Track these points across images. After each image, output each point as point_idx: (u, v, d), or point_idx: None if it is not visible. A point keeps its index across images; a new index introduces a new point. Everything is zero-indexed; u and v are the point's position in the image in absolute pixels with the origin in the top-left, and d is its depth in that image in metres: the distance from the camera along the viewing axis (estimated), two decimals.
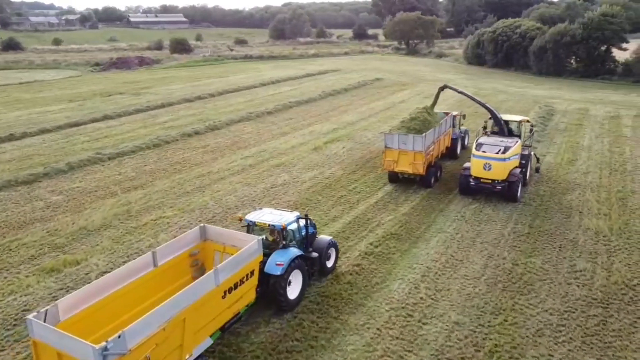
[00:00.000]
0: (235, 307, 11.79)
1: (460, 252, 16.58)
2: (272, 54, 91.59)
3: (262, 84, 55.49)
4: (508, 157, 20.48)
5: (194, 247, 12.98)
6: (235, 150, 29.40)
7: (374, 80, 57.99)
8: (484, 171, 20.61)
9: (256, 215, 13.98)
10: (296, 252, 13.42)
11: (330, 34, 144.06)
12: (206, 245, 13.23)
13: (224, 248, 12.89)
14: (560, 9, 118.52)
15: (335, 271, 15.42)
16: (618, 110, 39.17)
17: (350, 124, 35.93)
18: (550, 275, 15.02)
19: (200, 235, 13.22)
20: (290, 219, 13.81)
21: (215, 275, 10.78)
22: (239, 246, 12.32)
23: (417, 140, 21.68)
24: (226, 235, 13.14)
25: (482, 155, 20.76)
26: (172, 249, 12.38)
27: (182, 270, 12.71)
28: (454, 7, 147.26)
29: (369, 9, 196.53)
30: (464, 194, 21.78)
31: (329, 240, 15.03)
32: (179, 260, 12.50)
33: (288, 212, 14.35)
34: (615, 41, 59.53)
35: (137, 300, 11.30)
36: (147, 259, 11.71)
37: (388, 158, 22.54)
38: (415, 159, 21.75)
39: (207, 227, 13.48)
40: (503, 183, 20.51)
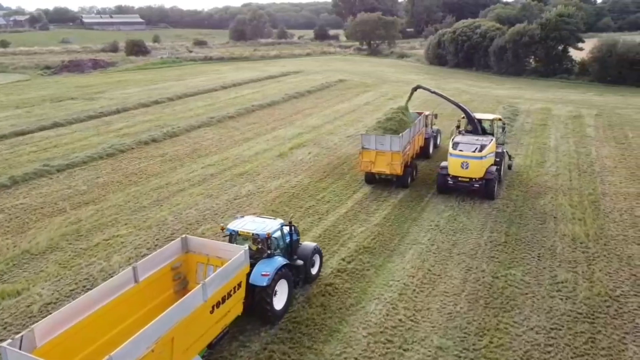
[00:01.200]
0: (223, 322, 11.37)
1: (438, 266, 15.72)
2: (233, 56, 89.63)
3: (223, 86, 53.75)
4: (484, 156, 20.71)
5: (175, 260, 12.41)
6: (196, 159, 27.83)
7: (337, 82, 57.14)
8: (461, 170, 20.81)
9: (238, 224, 13.43)
10: (282, 261, 12.97)
11: (291, 34, 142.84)
12: (188, 258, 12.69)
13: (208, 259, 12.43)
14: (516, 10, 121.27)
15: (307, 292, 14.28)
16: (579, 110, 39.57)
17: (315, 128, 34.86)
18: (532, 288, 14.33)
19: (181, 247, 12.64)
20: (275, 227, 13.34)
21: (203, 289, 10.34)
22: (223, 257, 11.95)
23: (395, 140, 21.59)
24: (209, 246, 12.64)
25: (459, 154, 20.91)
26: (153, 263, 11.78)
27: (164, 285, 12.16)
28: (413, 8, 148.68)
29: (329, 9, 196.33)
30: (442, 192, 21.82)
31: (313, 247, 14.63)
32: (160, 274, 11.92)
33: (271, 220, 13.87)
34: (572, 41, 60.75)
35: (119, 319, 10.73)
36: (127, 275, 11.08)
37: (365, 159, 22.34)
38: (393, 159, 21.68)
39: (189, 238, 12.83)
40: (480, 181, 20.74)
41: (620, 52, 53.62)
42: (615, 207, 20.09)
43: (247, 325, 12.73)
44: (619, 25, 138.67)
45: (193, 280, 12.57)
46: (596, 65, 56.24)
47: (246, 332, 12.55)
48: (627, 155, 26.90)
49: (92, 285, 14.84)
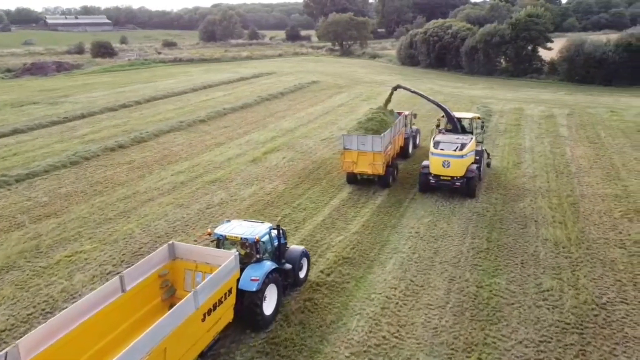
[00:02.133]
0: (214, 330, 11.22)
1: (420, 276, 15.14)
2: (203, 57, 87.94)
3: (194, 89, 52.41)
4: (465, 154, 21.04)
5: (162, 267, 12.17)
6: (165, 166, 26.70)
7: (310, 83, 56.42)
8: (443, 168, 21.07)
9: (226, 229, 13.18)
10: (271, 265, 12.76)
11: (262, 35, 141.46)
12: (175, 265, 12.46)
13: (196, 266, 12.25)
14: (485, 10, 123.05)
15: (285, 309, 13.50)
16: (551, 110, 39.81)
17: (289, 131, 34.05)
18: (518, 298, 13.88)
19: (168, 254, 12.41)
20: (263, 231, 13.10)
21: (195, 297, 10.16)
22: (212, 263, 11.84)
23: (376, 140, 21.59)
24: (197, 252, 12.45)
25: (441, 153, 21.16)
26: (140, 271, 11.55)
27: (152, 293, 11.91)
28: (384, 8, 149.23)
29: (300, 9, 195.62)
30: (424, 191, 21.99)
31: (301, 250, 14.50)
32: (148, 282, 11.70)
33: (259, 223, 13.67)
34: (541, 41, 61.45)
35: (106, 330, 10.56)
36: (114, 284, 10.83)
37: (347, 159, 22.36)
38: (375, 159, 21.74)
39: (176, 244, 12.61)
40: (462, 179, 20.99)
41: (588, 51, 54.41)
42: (594, 209, 19.92)
43: (220, 349, 11.88)
44: (583, 26, 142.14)
45: (181, 287, 12.34)
46: (565, 65, 56.96)
47: (220, 357, 11.69)
48: (602, 155, 26.95)
49: (51, 308, 13.78)
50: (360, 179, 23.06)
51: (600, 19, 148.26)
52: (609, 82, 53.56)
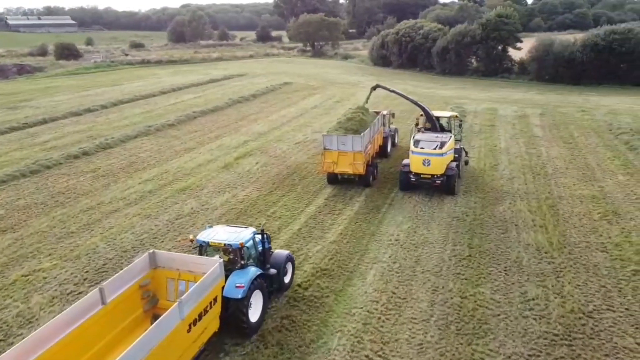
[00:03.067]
0: (200, 340, 10.93)
1: (402, 287, 14.52)
2: (172, 59, 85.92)
3: (162, 91, 50.89)
4: (445, 152, 21.30)
5: (144, 277, 11.81)
6: (132, 173, 25.48)
7: (282, 85, 55.54)
8: (423, 167, 21.26)
9: (208, 235, 12.80)
10: (256, 271, 12.48)
11: (233, 36, 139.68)
12: (157, 274, 12.10)
13: (179, 274, 11.92)
14: (454, 11, 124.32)
15: (261, 329, 12.67)
16: (524, 110, 39.96)
17: (261, 135, 33.14)
18: (504, 308, 13.39)
19: (149, 263, 12.05)
20: (247, 236, 12.75)
21: (180, 308, 9.84)
22: (195, 271, 11.59)
23: (356, 140, 21.62)
24: (180, 260, 12.11)
25: (421, 151, 21.38)
26: (121, 282, 11.18)
27: (133, 305, 11.56)
28: (354, 9, 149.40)
29: (271, 10, 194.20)
30: (405, 190, 22.15)
31: (286, 255, 14.25)
32: (129, 293, 11.34)
33: (243, 228, 13.30)
34: (511, 41, 62.04)
35: (87, 344, 10.19)
36: (94, 297, 10.47)
37: (327, 160, 22.29)
38: (355, 159, 21.75)
39: (157, 253, 12.25)
40: (442, 177, 21.22)
41: (557, 51, 55.13)
42: (573, 211, 19.70)
43: None
44: (549, 26, 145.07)
45: (163, 297, 12.00)
46: (535, 65, 57.60)
47: None
48: (576, 155, 26.94)
49: (5, 335, 12.64)
50: (341, 179, 23.01)
51: (564, 19, 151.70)
52: (577, 81, 54.38)
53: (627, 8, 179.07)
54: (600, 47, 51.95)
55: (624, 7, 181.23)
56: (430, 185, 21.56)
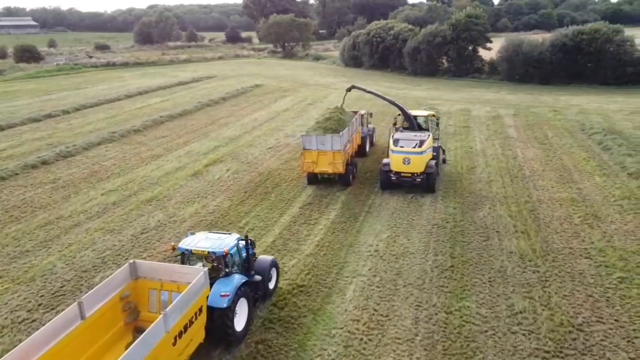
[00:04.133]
0: (186, 353, 10.55)
1: (384, 304, 13.73)
2: (139, 61, 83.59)
3: (128, 95, 49.09)
4: (424, 151, 21.51)
5: (124, 288, 11.34)
6: (95, 184, 24.05)
7: (253, 87, 54.37)
8: (403, 165, 21.40)
9: (191, 242, 12.42)
10: (240, 279, 12.17)
11: (201, 37, 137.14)
12: (138, 285, 11.64)
13: (161, 285, 11.49)
14: (423, 11, 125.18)
15: (234, 355, 11.68)
16: (497, 110, 39.87)
17: (232, 140, 31.99)
18: (491, 323, 12.73)
19: (130, 274, 11.57)
20: (231, 243, 12.42)
21: (165, 320, 9.52)
22: (179, 281, 11.22)
23: (335, 139, 21.74)
24: (162, 270, 11.69)
25: (401, 150, 21.52)
26: (100, 295, 10.71)
27: (114, 318, 11.08)
28: (324, 9, 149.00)
29: (240, 10, 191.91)
30: (386, 189, 22.23)
31: (270, 260, 13.90)
32: (109, 306, 10.87)
33: (226, 235, 12.97)
34: (481, 41, 62.31)
35: None
36: (72, 312, 10.00)
37: (307, 160, 22.34)
38: (335, 158, 21.87)
39: (138, 263, 11.75)
40: (422, 175, 21.43)
41: (526, 51, 55.49)
42: (553, 215, 19.30)
43: None
44: (515, 26, 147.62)
45: (145, 309, 11.58)
46: (505, 65, 57.89)
47: None
48: (552, 157, 26.74)
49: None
50: (321, 178, 23.05)
51: (530, 20, 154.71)
52: (546, 81, 54.86)
53: (589, 9, 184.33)
54: (569, 47, 52.52)
55: (586, 7, 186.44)
56: (411, 184, 21.62)
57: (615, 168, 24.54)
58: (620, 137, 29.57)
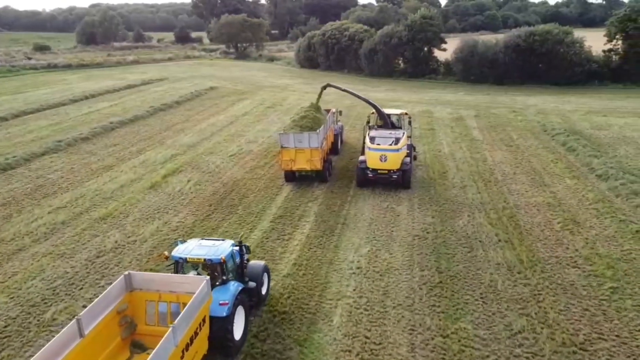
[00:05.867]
0: None
1: (375, 329, 12.64)
2: (83, 62, 79.21)
3: (73, 100, 45.87)
4: (400, 148, 21.94)
5: (120, 302, 10.90)
6: (40, 200, 21.79)
7: (208, 90, 52.26)
8: (380, 162, 21.75)
9: (184, 250, 11.99)
10: (237, 286, 11.92)
11: (149, 37, 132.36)
12: (134, 297, 11.21)
13: (160, 296, 11.11)
14: (374, 12, 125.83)
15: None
16: (458, 111, 39.80)
17: (191, 147, 30.14)
18: (491, 347, 11.89)
19: (125, 286, 11.12)
20: (227, 250, 12.08)
21: (174, 333, 9.20)
22: (178, 291, 10.93)
23: (313, 137, 22.11)
24: (159, 280, 11.29)
25: (378, 147, 21.92)
26: (98, 310, 10.25)
27: (111, 333, 10.57)
28: (276, 10, 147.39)
29: (188, 10, 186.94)
30: (362, 186, 22.57)
31: (263, 266, 13.62)
32: (106, 322, 10.41)
33: (220, 241, 12.61)
34: (436, 42, 62.70)
35: None
36: (71, 330, 9.49)
37: (285, 158, 22.68)
38: (312, 155, 22.27)
39: (133, 274, 11.33)
40: (398, 172, 21.83)
41: (481, 52, 56.22)
42: (533, 221, 18.86)
43: None
44: (462, 27, 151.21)
45: (142, 322, 11.15)
46: (460, 65, 58.43)
47: None
48: (520, 159, 26.57)
49: None
50: (299, 175, 23.46)
51: (476, 21, 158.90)
52: (501, 81, 55.74)
53: (530, 10, 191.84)
54: (522, 47, 53.49)
55: (527, 9, 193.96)
56: (387, 181, 22.12)
57: (583, 170, 24.58)
58: (582, 138, 29.90)
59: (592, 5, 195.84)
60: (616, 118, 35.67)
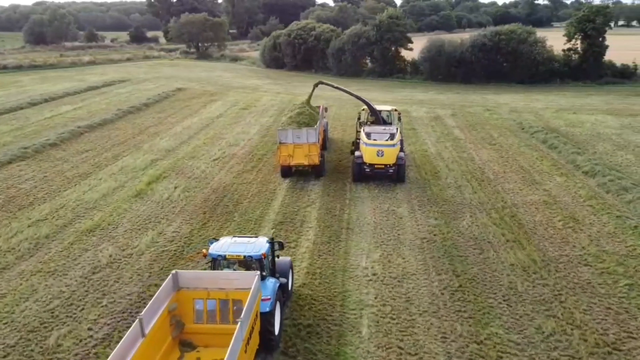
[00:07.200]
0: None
1: (407, 339, 12.23)
2: (35, 63, 75.22)
3: (32, 103, 43.27)
4: (395, 143, 22.46)
5: (170, 301, 10.85)
6: (16, 213, 20.22)
7: (175, 91, 50.59)
8: (377, 157, 22.25)
9: (221, 248, 12.09)
10: (275, 282, 12.18)
11: (102, 37, 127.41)
12: (180, 296, 11.14)
13: (208, 294, 11.08)
14: (334, 11, 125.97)
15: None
16: (435, 110, 40.08)
17: (170, 152, 28.88)
18: (528, 351, 11.71)
19: (173, 285, 11.06)
20: (265, 246, 12.19)
21: (241, 328, 9.35)
22: (227, 287, 11.01)
23: (311, 132, 22.77)
24: (207, 278, 11.29)
25: (374, 143, 22.33)
26: (152, 310, 10.18)
27: (164, 333, 10.54)
28: (234, 9, 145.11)
29: (140, 9, 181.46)
30: (359, 181, 22.98)
31: (289, 262, 13.93)
32: (160, 322, 10.35)
33: (254, 238, 12.81)
34: (403, 42, 63.17)
35: None
36: (135, 330, 9.40)
37: (283, 153, 23.03)
38: (310, 150, 22.81)
39: (180, 273, 11.29)
40: (393, 167, 22.37)
41: (448, 51, 57.04)
42: (534, 220, 18.99)
43: None
44: (418, 27, 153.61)
45: (189, 321, 11.10)
46: (428, 65, 59.09)
47: None
48: (507, 158, 26.89)
49: None
50: (295, 170, 23.78)
51: (432, 21, 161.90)
52: (468, 80, 56.73)
53: (482, 11, 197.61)
54: (488, 47, 54.63)
55: (479, 10, 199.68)
56: (384, 175, 22.66)
57: (569, 167, 25.11)
58: (560, 135, 30.63)
59: (538, 6, 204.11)
60: (586, 115, 36.82)
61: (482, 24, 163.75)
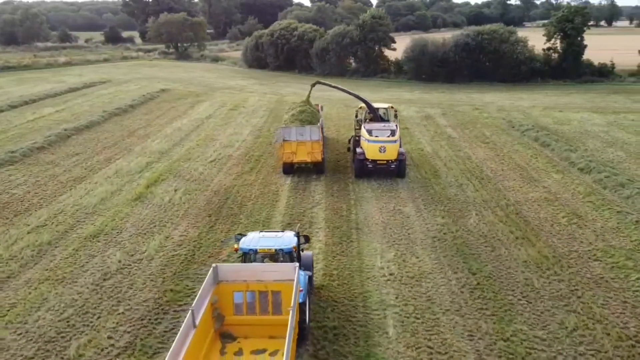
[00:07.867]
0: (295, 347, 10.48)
1: (435, 338, 12.25)
2: (9, 64, 73.01)
3: (12, 105, 42.01)
4: (396, 139, 23.00)
5: (213, 293, 11.23)
6: (12, 219, 19.57)
7: (160, 92, 49.75)
8: (379, 154, 22.77)
9: (250, 242, 12.48)
10: (306, 274, 12.56)
11: (75, 37, 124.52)
12: (220, 289, 11.46)
13: (247, 286, 11.40)
14: (312, 11, 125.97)
15: None
16: (424, 110, 40.43)
17: (164, 154, 28.39)
18: (555, 347, 11.86)
19: (213, 279, 11.38)
20: (294, 240, 12.57)
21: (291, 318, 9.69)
22: (266, 279, 11.31)
23: (314, 130, 23.26)
24: (246, 270, 11.64)
25: (376, 139, 22.83)
26: (200, 302, 10.57)
27: (208, 325, 10.91)
28: (210, 9, 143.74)
29: (113, 9, 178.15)
30: (361, 177, 23.46)
31: (312, 256, 14.26)
32: (206, 314, 10.74)
33: (281, 232, 13.34)
34: (387, 42, 63.53)
35: None
36: (188, 322, 9.69)
37: (287, 150, 23.39)
38: (313, 148, 23.25)
39: (220, 266, 11.71)
40: (395, 162, 22.89)
41: (432, 51, 57.60)
42: (539, 217, 19.30)
43: None
44: (395, 27, 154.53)
45: (229, 313, 11.43)
46: (412, 64, 59.54)
47: None
48: (502, 156, 27.29)
49: None
50: (296, 167, 24.21)
51: (408, 21, 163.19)
52: (451, 79, 57.38)
53: (456, 11, 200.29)
54: (471, 46, 55.39)
55: (453, 10, 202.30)
56: (386, 171, 23.16)
57: (564, 164, 25.60)
58: (551, 133, 31.23)
59: (511, 7, 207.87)
60: (572, 113, 37.65)
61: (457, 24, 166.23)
